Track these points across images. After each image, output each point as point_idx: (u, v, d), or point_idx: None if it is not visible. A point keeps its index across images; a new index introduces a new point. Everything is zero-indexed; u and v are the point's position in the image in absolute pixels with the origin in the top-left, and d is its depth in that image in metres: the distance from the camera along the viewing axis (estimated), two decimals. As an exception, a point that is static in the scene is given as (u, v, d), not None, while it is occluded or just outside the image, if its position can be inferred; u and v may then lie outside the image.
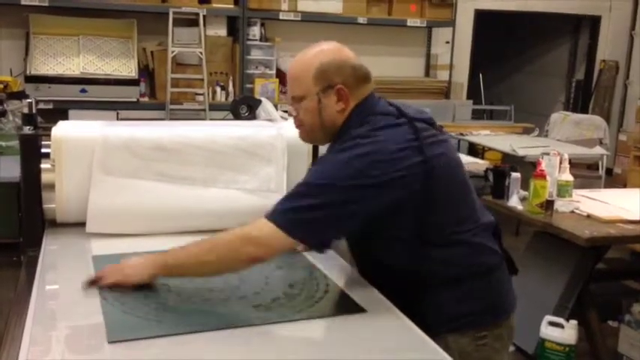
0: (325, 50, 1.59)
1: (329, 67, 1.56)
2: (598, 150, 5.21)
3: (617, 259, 4.35)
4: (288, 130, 2.03)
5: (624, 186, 4.89)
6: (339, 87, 1.56)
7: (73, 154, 1.84)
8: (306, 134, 1.66)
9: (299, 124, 1.64)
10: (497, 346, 1.61)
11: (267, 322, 1.36)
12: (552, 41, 7.68)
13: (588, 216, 2.89)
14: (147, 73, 5.43)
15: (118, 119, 4.92)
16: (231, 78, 5.57)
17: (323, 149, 2.12)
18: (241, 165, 1.94)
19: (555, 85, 7.63)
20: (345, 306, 1.47)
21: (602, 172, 5.58)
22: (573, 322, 2.76)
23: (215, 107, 5.24)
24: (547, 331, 2.77)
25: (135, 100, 5.18)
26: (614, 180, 5.68)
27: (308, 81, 1.57)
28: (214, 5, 5.37)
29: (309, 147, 2.02)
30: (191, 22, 5.26)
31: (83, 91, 5.01)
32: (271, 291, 1.50)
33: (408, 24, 5.89)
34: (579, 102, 7.24)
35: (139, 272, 1.48)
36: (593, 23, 7.04)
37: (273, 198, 1.91)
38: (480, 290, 1.59)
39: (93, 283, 1.49)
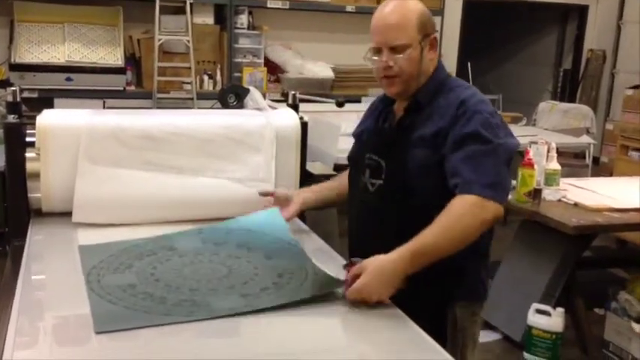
0: (416, 1, 1.65)
1: (425, 16, 1.64)
2: (585, 139, 5.24)
3: (603, 247, 4.39)
4: (276, 119, 2.02)
5: (611, 174, 4.93)
6: (434, 36, 1.66)
7: (59, 142, 1.82)
8: (401, 85, 1.64)
9: (394, 75, 1.62)
10: (480, 324, 1.72)
11: (254, 310, 1.34)
12: (540, 30, 7.69)
13: (575, 204, 2.91)
14: (133, 61, 5.37)
15: (104, 108, 4.87)
16: (218, 67, 5.52)
17: (312, 139, 2.12)
18: (230, 154, 1.92)
19: (543, 74, 7.65)
20: (331, 283, 1.44)
21: (589, 160, 5.61)
22: (560, 310, 2.78)
23: (203, 96, 5.20)
24: (534, 319, 2.78)
25: (121, 88, 5.13)
26: (600, 169, 5.72)
27: (412, 29, 1.60)
28: (201, -7, 5.32)
29: (297, 136, 2.01)
30: (178, 9, 5.20)
31: (69, 79, 4.94)
32: (260, 281, 1.49)
33: (397, 13, 5.87)
34: (567, 91, 7.27)
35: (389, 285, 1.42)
36: (580, 12, 7.05)
37: (261, 187, 1.92)
38: (486, 267, 1.71)
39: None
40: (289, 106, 2.13)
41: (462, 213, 1.48)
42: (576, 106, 6.19)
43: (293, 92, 2.15)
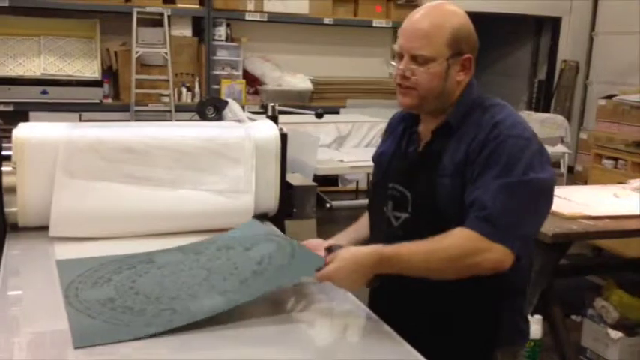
0: (459, 12, 1.49)
1: (463, 32, 1.48)
2: (560, 148, 5.32)
3: (579, 254, 4.45)
4: (256, 130, 2.03)
5: (585, 183, 5.01)
6: (468, 56, 1.49)
7: (36, 156, 1.80)
8: (416, 100, 1.49)
9: (410, 87, 1.48)
10: None
11: (231, 305, 1.34)
12: (515, 42, 7.81)
13: (551, 213, 2.94)
14: (110, 73, 5.35)
15: (80, 121, 4.83)
16: (197, 79, 5.52)
17: (291, 150, 2.12)
18: (210, 166, 1.92)
19: (518, 85, 7.75)
20: (312, 262, 1.44)
21: (564, 169, 5.69)
22: (538, 317, 2.82)
23: (181, 108, 5.19)
24: (513, 327, 2.82)
25: (98, 101, 5.10)
26: (575, 177, 5.80)
27: (441, 42, 1.44)
28: (179, 5, 5.32)
29: (277, 148, 2.01)
30: (155, 22, 5.20)
31: (44, 92, 4.91)
32: (240, 274, 1.47)
33: (374, 24, 5.92)
34: (541, 101, 7.37)
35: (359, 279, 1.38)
36: (553, 24, 7.17)
37: (241, 199, 1.92)
38: (523, 305, 1.60)
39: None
40: (268, 117, 2.14)
41: (456, 245, 1.35)
42: (551, 116, 6.29)
43: (272, 104, 2.16)
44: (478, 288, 1.44)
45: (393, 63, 1.53)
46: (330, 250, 1.44)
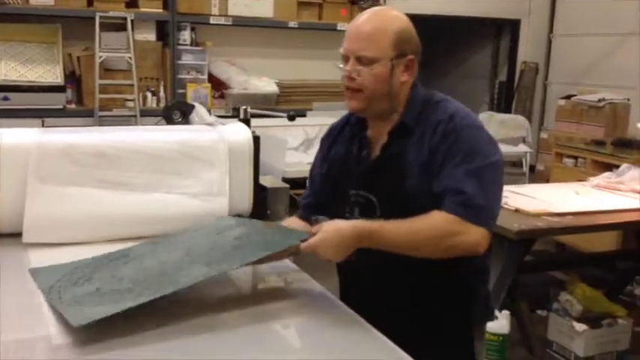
0: (401, 16, 1.53)
1: (405, 34, 1.51)
2: (522, 148, 5.46)
3: (542, 251, 4.56)
4: (229, 133, 2.04)
5: (547, 181, 5.13)
6: (411, 57, 1.52)
7: (6, 162, 1.78)
8: (363, 102, 1.52)
9: (356, 89, 1.50)
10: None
11: (222, 271, 1.38)
12: (476, 44, 7.95)
13: (516, 210, 3.02)
14: (73, 79, 5.27)
15: (42, 127, 4.75)
16: (162, 83, 5.48)
17: (264, 154, 2.14)
18: (183, 169, 1.93)
19: (480, 86, 7.90)
20: (295, 234, 1.49)
21: (526, 168, 5.84)
22: (506, 313, 2.87)
23: (146, 113, 5.15)
24: (482, 322, 2.88)
25: (61, 107, 5.02)
26: (537, 176, 5.94)
27: (385, 43, 1.48)
28: (142, 9, 5.28)
29: (250, 150, 2.02)
30: (119, 26, 5.15)
31: (5, 98, 4.81)
32: (220, 249, 1.49)
33: (338, 28, 5.96)
34: (503, 102, 7.53)
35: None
36: (513, 27, 7.33)
37: (216, 202, 1.93)
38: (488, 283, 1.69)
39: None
40: (241, 120, 2.15)
41: (437, 227, 1.41)
42: (513, 116, 6.44)
43: (244, 107, 2.17)
44: (455, 268, 1.51)
45: (340, 65, 1.53)
46: (315, 221, 1.47)
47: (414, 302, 1.56)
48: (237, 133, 2.04)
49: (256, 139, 2.03)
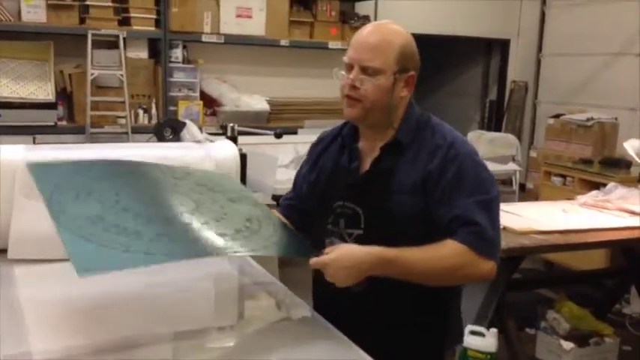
0: (405, 32, 1.55)
1: (409, 50, 1.53)
2: (511, 166, 5.49)
3: (531, 269, 4.58)
4: (216, 151, 2.06)
5: (536, 199, 5.16)
6: (412, 74, 1.54)
7: (-7, 179, 1.79)
8: (361, 112, 1.53)
9: (357, 99, 1.51)
10: None
11: (236, 252, 1.35)
12: (466, 63, 8.04)
13: (503, 228, 3.03)
14: (65, 96, 5.29)
15: (34, 144, 4.75)
16: (154, 100, 5.50)
17: (250, 170, 2.16)
18: (170, 186, 1.93)
19: (471, 104, 7.98)
20: (301, 244, 1.51)
21: (515, 187, 5.87)
22: (493, 331, 2.87)
23: (138, 130, 5.16)
24: (469, 340, 2.86)
25: (52, 124, 5.03)
26: (527, 194, 5.98)
27: (390, 56, 1.49)
28: (134, 27, 5.31)
29: (237, 168, 2.04)
30: (111, 44, 5.18)
31: (-3, 115, 4.82)
32: (232, 222, 1.44)
33: (330, 46, 6.02)
34: (493, 121, 7.60)
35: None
36: (503, 46, 7.43)
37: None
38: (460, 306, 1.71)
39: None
40: (228, 138, 2.17)
41: (454, 256, 1.44)
42: (503, 135, 6.49)
43: (232, 125, 2.19)
44: (431, 290, 1.52)
45: (342, 72, 1.54)
46: (330, 243, 1.48)
47: (388, 323, 1.56)
48: (224, 150, 2.06)
49: (243, 157, 2.04)
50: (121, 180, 1.50)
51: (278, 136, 3.65)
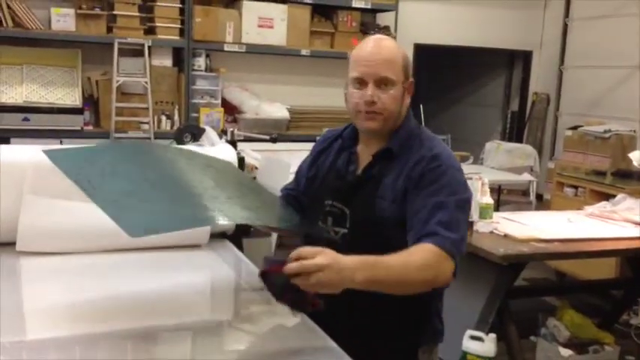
0: (399, 44, 1.65)
1: (408, 59, 1.62)
2: (526, 177, 5.50)
3: (543, 279, 4.59)
4: (215, 154, 2.17)
5: (548, 210, 5.17)
6: (411, 80, 1.63)
7: (5, 177, 1.92)
8: (381, 123, 1.59)
9: (378, 111, 1.57)
10: None
11: (264, 223, 1.54)
12: (489, 74, 8.06)
13: (505, 235, 3.09)
14: (91, 101, 5.48)
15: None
16: (176, 107, 5.66)
17: (264, 176, 2.24)
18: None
19: (492, 115, 7.98)
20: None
21: (532, 197, 5.87)
22: (492, 336, 2.91)
23: (160, 136, 5.31)
24: (468, 345, 2.92)
25: (79, 128, 5.22)
26: (544, 205, 5.97)
27: (398, 67, 1.57)
28: (159, 36, 5.48)
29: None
30: (136, 52, 5.36)
31: (26, 119, 5.02)
32: (250, 200, 1.58)
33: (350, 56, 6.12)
34: (515, 132, 7.59)
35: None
36: (525, 58, 7.43)
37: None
38: (440, 308, 1.76)
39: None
40: (228, 142, 2.28)
41: (427, 261, 1.43)
42: (521, 146, 6.49)
43: (231, 129, 2.30)
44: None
45: (354, 90, 1.58)
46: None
47: (364, 323, 1.61)
48: (224, 153, 2.16)
49: (241, 160, 2.15)
50: (140, 159, 1.57)
51: (273, 140, 3.78)
